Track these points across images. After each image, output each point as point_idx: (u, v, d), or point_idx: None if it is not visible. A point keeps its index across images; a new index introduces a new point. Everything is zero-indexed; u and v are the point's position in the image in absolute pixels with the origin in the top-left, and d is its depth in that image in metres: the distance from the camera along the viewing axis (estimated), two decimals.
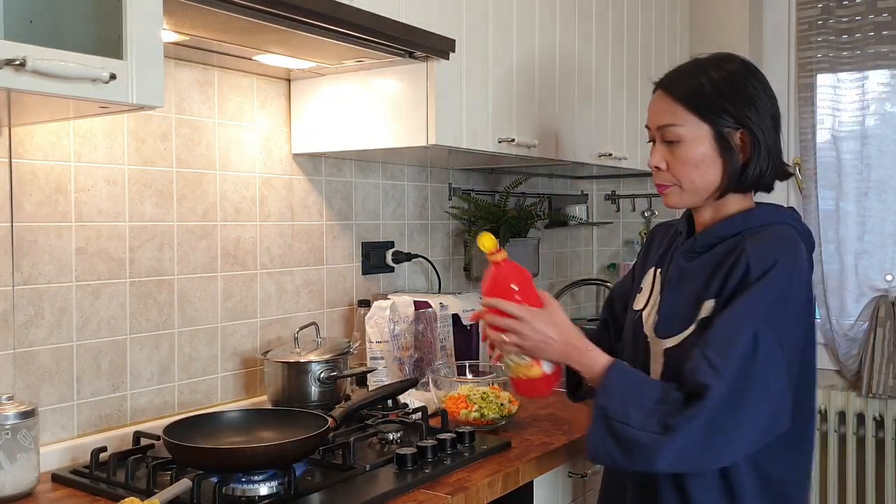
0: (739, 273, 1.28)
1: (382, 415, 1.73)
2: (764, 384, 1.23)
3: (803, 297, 1.29)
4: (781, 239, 1.31)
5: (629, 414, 1.24)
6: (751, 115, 1.34)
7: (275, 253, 1.97)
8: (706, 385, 1.21)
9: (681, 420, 1.20)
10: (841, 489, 3.01)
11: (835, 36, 2.99)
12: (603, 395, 1.28)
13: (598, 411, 1.28)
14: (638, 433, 1.22)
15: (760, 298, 1.25)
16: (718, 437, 1.21)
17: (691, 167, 1.35)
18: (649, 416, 1.23)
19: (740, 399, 1.21)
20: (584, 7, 2.40)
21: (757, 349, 1.22)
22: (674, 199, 1.40)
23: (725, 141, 1.34)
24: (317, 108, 1.95)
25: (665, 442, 1.21)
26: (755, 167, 1.35)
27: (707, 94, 1.34)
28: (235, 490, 1.29)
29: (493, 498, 1.43)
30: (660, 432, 1.21)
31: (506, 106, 2.04)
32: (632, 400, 1.26)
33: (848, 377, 3.06)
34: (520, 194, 2.77)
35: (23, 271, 1.48)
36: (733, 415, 1.21)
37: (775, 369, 1.24)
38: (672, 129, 1.35)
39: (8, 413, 1.31)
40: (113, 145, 1.62)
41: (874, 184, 2.94)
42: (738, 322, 1.24)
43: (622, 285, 1.65)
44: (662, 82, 1.40)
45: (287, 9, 1.39)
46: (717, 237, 1.37)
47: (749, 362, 1.22)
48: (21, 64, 1.01)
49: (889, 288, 2.93)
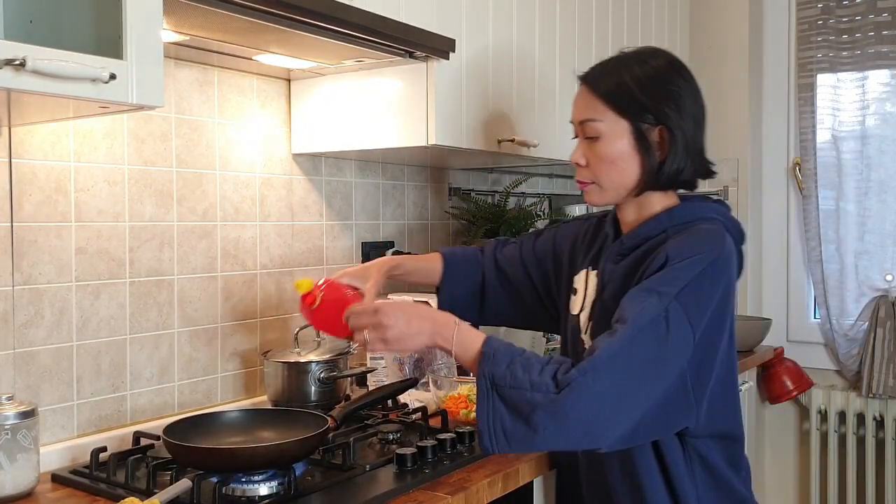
0: (657, 266, 1.23)
1: (382, 415, 1.73)
2: (670, 359, 1.16)
3: (723, 287, 1.24)
4: (704, 233, 1.28)
5: (517, 376, 1.12)
6: (670, 112, 1.31)
7: (275, 253, 1.97)
8: (597, 343, 1.15)
9: (573, 374, 1.11)
10: (841, 489, 3.02)
11: (835, 36, 3.00)
12: (487, 363, 1.16)
13: (482, 382, 1.15)
14: (531, 394, 1.11)
15: (674, 278, 1.19)
16: (611, 397, 1.12)
17: (609, 164, 1.33)
18: (541, 375, 1.12)
19: (635, 373, 1.13)
20: (584, 7, 2.40)
21: (668, 329, 1.15)
22: (594, 197, 1.38)
23: (644, 138, 1.31)
24: (317, 108, 1.95)
25: (561, 399, 1.10)
26: (672, 164, 1.32)
27: (628, 91, 1.31)
28: (235, 490, 1.29)
29: (493, 498, 1.43)
30: (555, 390, 1.10)
31: (506, 105, 2.04)
32: (519, 363, 1.14)
33: (848, 377, 3.06)
34: (520, 194, 2.77)
35: (23, 271, 1.48)
36: (629, 379, 1.13)
37: (683, 352, 1.17)
38: (591, 125, 1.34)
39: (8, 413, 1.31)
40: (113, 145, 1.62)
41: (874, 184, 2.94)
42: (648, 294, 1.18)
43: (524, 249, 1.62)
44: (586, 77, 1.38)
45: (287, 9, 1.39)
46: (643, 238, 1.34)
47: (652, 332, 1.14)
48: (21, 64, 1.01)
49: (889, 288, 2.93)
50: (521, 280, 1.61)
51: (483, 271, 1.63)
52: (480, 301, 1.63)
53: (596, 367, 1.12)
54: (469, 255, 1.65)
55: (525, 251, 1.62)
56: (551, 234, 1.61)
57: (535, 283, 1.60)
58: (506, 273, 1.62)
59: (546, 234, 1.63)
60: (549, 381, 1.11)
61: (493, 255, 1.64)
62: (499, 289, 1.62)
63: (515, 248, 1.63)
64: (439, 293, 1.62)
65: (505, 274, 1.62)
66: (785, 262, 3.20)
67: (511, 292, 1.62)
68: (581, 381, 1.10)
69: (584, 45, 2.39)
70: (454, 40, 1.76)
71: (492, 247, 1.66)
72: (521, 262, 1.61)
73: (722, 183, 3.16)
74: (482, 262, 1.64)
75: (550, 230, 1.63)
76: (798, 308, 3.18)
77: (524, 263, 1.61)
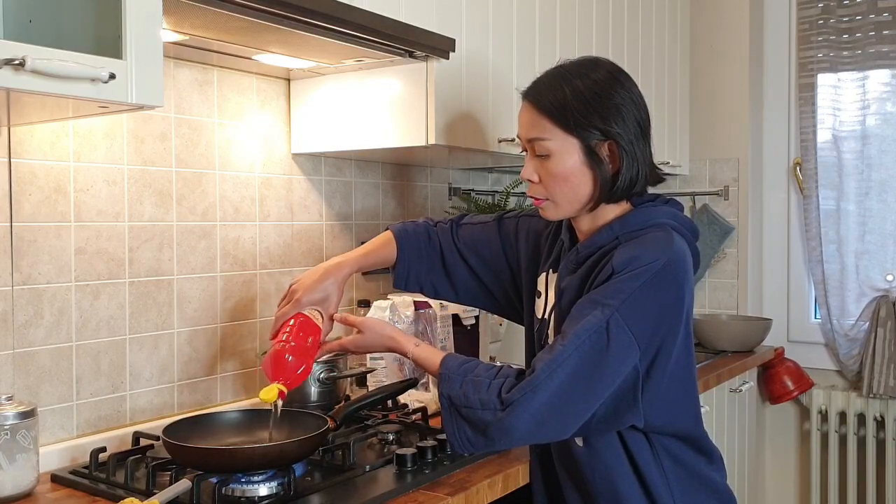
0: (604, 276, 1.26)
1: (382, 415, 1.72)
2: (612, 367, 1.21)
3: (675, 291, 1.26)
4: (651, 240, 1.29)
5: (469, 397, 1.24)
6: (617, 126, 1.30)
7: (274, 253, 1.97)
8: (536, 363, 1.22)
9: (514, 394, 1.21)
10: (841, 489, 3.01)
11: (835, 35, 2.99)
12: (445, 384, 1.28)
13: (443, 401, 1.28)
14: (482, 413, 1.23)
15: (618, 290, 1.22)
16: (552, 410, 1.21)
17: (561, 181, 1.32)
18: (488, 393, 1.23)
19: (576, 384, 1.20)
20: (583, 7, 2.40)
21: (608, 342, 1.20)
22: (549, 212, 1.37)
23: (594, 153, 1.31)
24: (317, 107, 1.95)
25: (506, 417, 1.21)
26: (625, 178, 1.32)
27: (572, 108, 1.30)
28: (235, 490, 1.29)
29: (493, 498, 1.43)
30: (501, 408, 1.22)
31: (506, 105, 2.04)
32: (469, 382, 1.26)
33: (849, 377, 3.06)
34: (520, 194, 2.77)
35: (22, 271, 1.47)
36: (567, 391, 1.21)
37: (625, 360, 1.22)
38: (541, 143, 1.32)
39: (7, 413, 1.31)
40: (112, 145, 1.62)
41: (875, 184, 2.94)
42: (592, 306, 1.23)
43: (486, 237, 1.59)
44: (529, 93, 1.36)
45: (287, 8, 1.39)
46: (596, 247, 1.34)
47: (593, 343, 1.20)
48: (20, 64, 1.00)
49: (890, 288, 2.92)
50: (482, 265, 1.58)
51: (440, 249, 1.59)
52: (445, 275, 1.60)
53: (535, 386, 1.21)
54: (421, 232, 1.60)
55: (487, 238, 1.58)
56: (514, 225, 1.58)
57: (496, 272, 1.58)
58: (464, 256, 1.58)
59: (508, 225, 1.58)
60: (494, 400, 1.23)
61: (451, 238, 1.60)
62: (461, 268, 1.59)
63: (478, 231, 1.60)
64: (395, 272, 1.58)
65: (463, 256, 1.58)
66: (785, 262, 3.20)
67: (472, 274, 1.59)
68: (521, 399, 1.21)
69: (584, 44, 2.39)
70: (454, 40, 1.76)
71: (447, 227, 1.61)
72: (483, 248, 1.58)
73: (722, 183, 3.16)
74: (438, 240, 1.60)
75: (512, 220, 1.59)
76: (799, 308, 3.18)
77: (486, 250, 1.58)
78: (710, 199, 3.18)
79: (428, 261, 1.59)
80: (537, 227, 1.54)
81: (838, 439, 3.02)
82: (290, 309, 1.42)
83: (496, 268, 1.57)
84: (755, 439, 3.07)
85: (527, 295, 1.52)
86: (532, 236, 1.53)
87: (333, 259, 1.51)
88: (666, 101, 2.94)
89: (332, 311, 1.45)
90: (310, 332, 1.39)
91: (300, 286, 1.45)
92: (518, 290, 1.56)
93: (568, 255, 1.39)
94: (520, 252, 1.55)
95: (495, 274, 1.58)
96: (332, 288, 1.45)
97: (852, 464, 2.98)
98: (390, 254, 1.57)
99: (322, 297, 1.44)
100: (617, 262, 1.25)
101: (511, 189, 2.59)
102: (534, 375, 1.21)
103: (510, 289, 1.58)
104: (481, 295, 1.61)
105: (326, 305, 1.44)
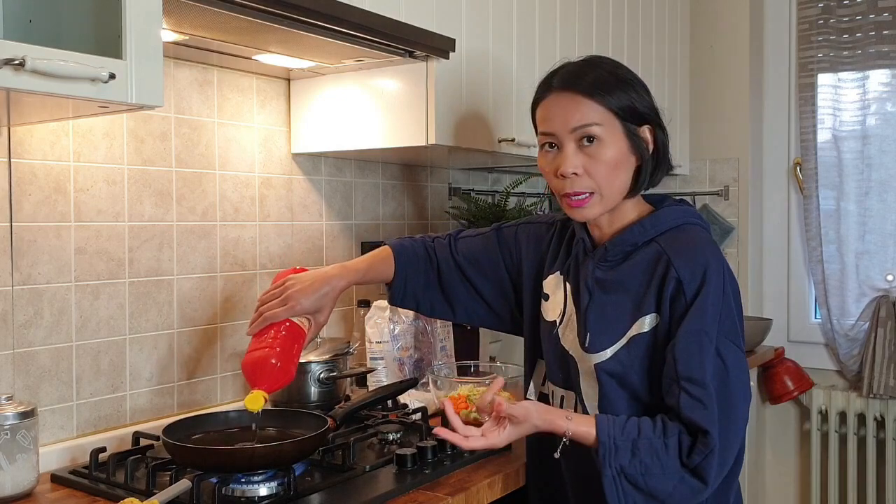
0: (671, 288, 1.26)
1: (382, 415, 1.72)
2: (742, 393, 1.26)
3: (736, 290, 1.31)
4: (699, 242, 1.30)
5: (646, 463, 1.20)
6: (652, 110, 1.32)
7: (274, 253, 1.97)
8: (701, 425, 1.20)
9: (701, 463, 1.20)
10: (842, 490, 3.01)
11: (835, 35, 2.99)
12: (610, 456, 1.21)
13: (609, 472, 1.21)
14: (664, 482, 1.21)
15: (705, 313, 1.24)
16: (727, 459, 1.25)
17: (612, 169, 1.29)
18: (667, 454, 1.21)
19: (728, 418, 1.23)
20: (584, 7, 2.40)
21: (725, 365, 1.23)
22: (593, 209, 1.31)
23: (637, 137, 1.30)
24: (316, 107, 1.95)
25: (701, 488, 1.22)
26: (662, 163, 1.34)
27: (615, 89, 1.29)
28: (235, 490, 1.29)
29: (493, 499, 1.43)
30: (692, 477, 1.21)
31: (506, 105, 2.04)
32: (642, 448, 1.21)
33: (849, 377, 3.06)
34: (520, 194, 2.77)
35: (22, 271, 1.47)
36: (728, 433, 1.23)
37: (744, 373, 1.26)
38: (590, 129, 1.28)
39: (7, 413, 1.31)
40: (112, 145, 1.62)
41: (875, 184, 2.94)
42: (698, 344, 1.23)
43: (485, 248, 1.56)
44: (565, 82, 1.31)
45: (287, 8, 1.39)
46: (630, 244, 1.33)
47: (722, 381, 1.23)
48: (20, 64, 1.00)
49: (890, 288, 2.92)
50: (481, 277, 1.56)
51: (438, 267, 1.56)
52: (442, 293, 1.57)
53: (711, 447, 1.20)
54: (419, 249, 1.57)
55: (485, 248, 1.57)
56: (513, 233, 1.56)
57: (494, 281, 1.55)
58: (463, 269, 1.56)
59: (507, 233, 1.57)
60: (678, 466, 1.20)
61: (450, 251, 1.57)
62: (459, 285, 1.56)
63: (477, 242, 1.57)
64: (392, 289, 1.56)
65: (462, 270, 1.56)
66: (786, 263, 3.20)
67: (471, 289, 1.57)
68: (708, 464, 1.20)
69: (584, 44, 2.39)
70: (454, 40, 1.76)
71: (445, 242, 1.58)
72: (483, 258, 1.56)
73: (722, 183, 3.16)
74: (435, 258, 1.57)
75: (511, 228, 1.57)
76: (799, 308, 3.18)
77: (486, 260, 1.56)
78: (710, 198, 3.18)
79: (425, 277, 1.56)
80: (538, 233, 1.53)
81: (838, 439, 3.02)
82: (282, 313, 1.37)
83: (496, 277, 1.55)
84: (755, 439, 3.07)
85: (531, 299, 1.50)
86: (534, 241, 1.53)
87: (334, 267, 1.46)
88: (666, 100, 2.94)
89: (321, 321, 1.42)
90: (296, 339, 1.37)
91: (296, 291, 1.39)
92: (518, 297, 1.54)
93: (594, 254, 1.37)
94: (521, 258, 1.53)
95: (494, 283, 1.55)
96: (326, 299, 1.41)
97: (852, 464, 2.98)
98: (388, 269, 1.54)
99: (316, 308, 1.40)
100: (684, 274, 1.26)
101: (511, 189, 2.59)
102: (707, 438, 1.19)
103: (510, 297, 1.55)
104: (480, 309, 1.57)
105: (317, 315, 1.41)
